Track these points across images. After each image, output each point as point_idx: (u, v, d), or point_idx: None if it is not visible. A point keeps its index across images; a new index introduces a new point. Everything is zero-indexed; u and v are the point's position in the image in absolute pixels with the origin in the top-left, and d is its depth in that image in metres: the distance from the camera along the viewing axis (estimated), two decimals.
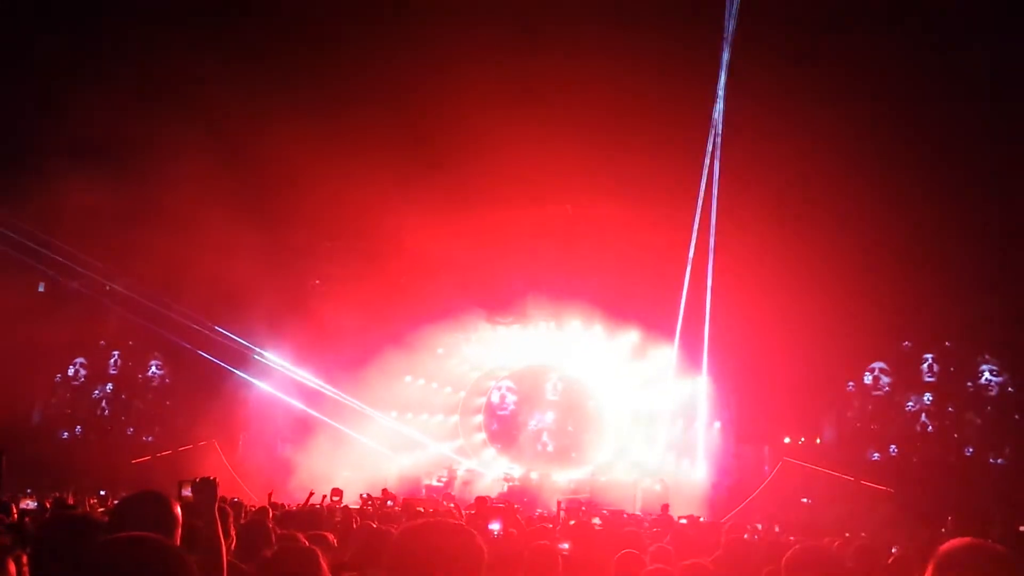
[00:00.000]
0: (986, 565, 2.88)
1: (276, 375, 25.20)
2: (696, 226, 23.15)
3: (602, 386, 26.63)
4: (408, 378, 26.20)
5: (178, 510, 3.80)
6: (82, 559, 2.35)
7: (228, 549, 4.39)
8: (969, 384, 23.97)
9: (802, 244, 22.78)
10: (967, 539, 2.98)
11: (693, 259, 23.89)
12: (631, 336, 25.27)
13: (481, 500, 14.23)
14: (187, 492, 4.16)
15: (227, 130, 19.32)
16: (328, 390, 24.70)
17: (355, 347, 24.23)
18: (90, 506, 12.62)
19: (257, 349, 24.87)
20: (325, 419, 24.49)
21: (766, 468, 23.88)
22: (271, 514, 7.99)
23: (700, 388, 24.85)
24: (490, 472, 25.50)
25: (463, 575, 2.61)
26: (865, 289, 22.89)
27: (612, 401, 26.38)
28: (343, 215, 22.92)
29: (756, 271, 23.72)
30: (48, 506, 10.34)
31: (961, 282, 22.48)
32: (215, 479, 4.12)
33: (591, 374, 26.73)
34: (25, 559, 3.52)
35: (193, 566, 2.40)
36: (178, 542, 3.65)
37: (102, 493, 17.69)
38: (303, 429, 24.56)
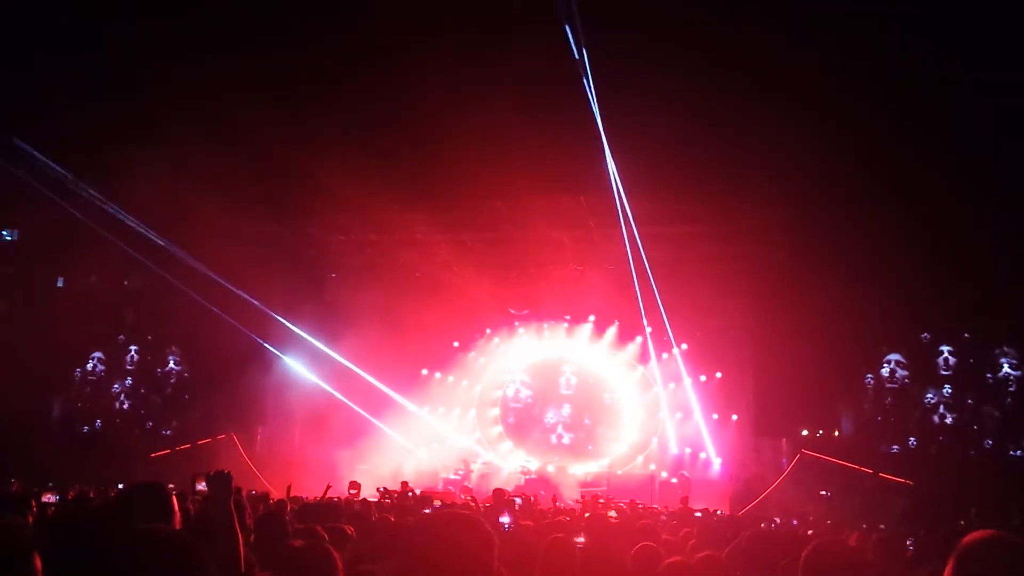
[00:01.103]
0: (1008, 557, 2.87)
1: (293, 368, 25.32)
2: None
3: (618, 380, 26.63)
4: (424, 371, 26.32)
5: (174, 499, 3.86)
6: (97, 553, 2.37)
7: (246, 542, 4.40)
8: (988, 376, 23.81)
9: (819, 235, 22.69)
10: (988, 531, 2.96)
11: (709, 248, 23.89)
12: (647, 328, 25.29)
13: (499, 492, 14.24)
14: (201, 486, 4.18)
15: (239, 122, 19.37)
16: (345, 384, 24.80)
17: (371, 340, 24.31)
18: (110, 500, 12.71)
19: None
20: (347, 403, 24.59)
21: (784, 461, 23.82)
22: (289, 507, 8.02)
23: (717, 381, 24.88)
24: (507, 465, 25.57)
25: (475, 565, 2.62)
26: (882, 281, 22.78)
27: (628, 395, 26.39)
28: (357, 209, 22.96)
29: (773, 262, 23.64)
30: (70, 499, 10.42)
31: (980, 273, 22.34)
32: (229, 472, 4.13)
33: (606, 368, 26.73)
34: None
35: (206, 556, 2.42)
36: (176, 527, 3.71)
37: (120, 487, 17.80)
38: (321, 423, 24.66)
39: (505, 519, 7.38)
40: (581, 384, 26.89)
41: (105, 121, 20.42)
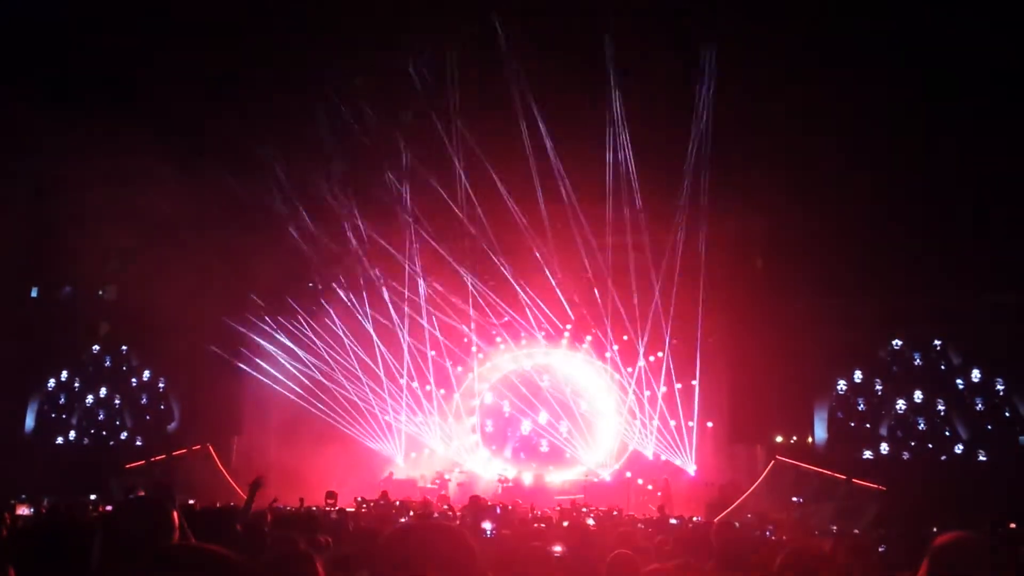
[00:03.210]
0: (978, 558, 2.94)
1: (270, 378, 25.15)
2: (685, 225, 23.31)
3: (594, 388, 26.65)
4: (403, 380, 26.23)
5: (176, 516, 3.71)
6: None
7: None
8: (959, 382, 24.07)
9: (793, 243, 22.89)
10: (960, 533, 3.03)
11: (683, 258, 24.01)
12: (623, 337, 25.37)
13: (475, 499, 14.25)
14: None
15: (219, 128, 19.38)
16: (323, 393, 24.69)
17: (350, 349, 24.26)
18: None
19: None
20: (325, 413, 24.47)
21: (759, 468, 23.92)
22: (269, 518, 8.00)
23: (693, 389, 24.97)
24: (485, 474, 25.51)
25: (455, 575, 2.62)
26: (856, 287, 23.00)
27: (604, 402, 26.42)
28: (336, 219, 22.97)
29: (747, 270, 23.83)
30: (43, 512, 10.33)
31: (951, 281, 22.58)
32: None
33: (583, 376, 26.76)
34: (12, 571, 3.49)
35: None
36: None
37: (93, 498, 17.66)
38: (298, 433, 24.52)
39: (487, 525, 7.41)
40: (558, 392, 26.87)
41: (82, 130, 20.31)
